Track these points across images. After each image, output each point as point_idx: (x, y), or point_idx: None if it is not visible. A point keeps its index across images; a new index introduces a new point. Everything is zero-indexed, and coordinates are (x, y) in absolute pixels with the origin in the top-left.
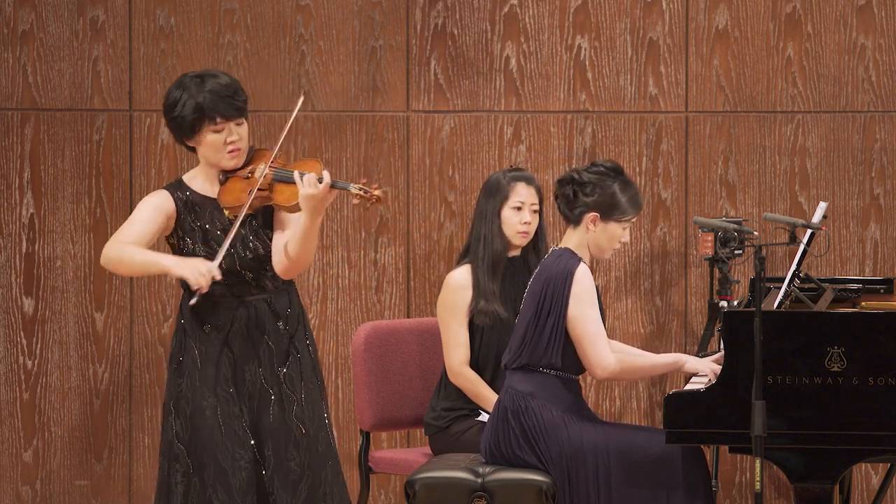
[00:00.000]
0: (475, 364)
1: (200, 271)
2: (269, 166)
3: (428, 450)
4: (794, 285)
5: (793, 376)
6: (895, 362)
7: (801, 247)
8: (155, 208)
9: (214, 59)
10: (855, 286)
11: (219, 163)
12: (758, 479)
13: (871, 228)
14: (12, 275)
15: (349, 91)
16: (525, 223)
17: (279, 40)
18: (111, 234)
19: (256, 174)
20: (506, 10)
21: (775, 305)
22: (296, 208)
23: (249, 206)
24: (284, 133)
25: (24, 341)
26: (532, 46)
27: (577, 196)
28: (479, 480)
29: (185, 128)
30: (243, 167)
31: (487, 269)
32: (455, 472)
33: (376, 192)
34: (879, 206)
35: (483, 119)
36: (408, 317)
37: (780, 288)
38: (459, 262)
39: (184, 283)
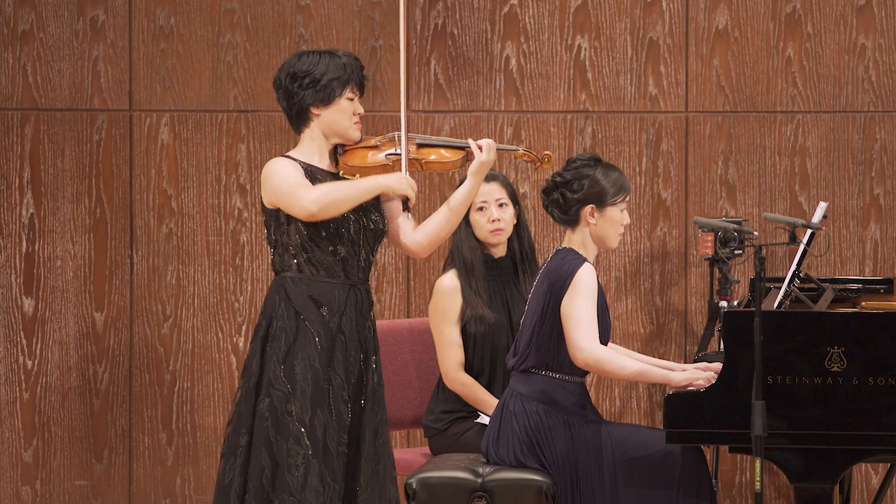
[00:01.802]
0: (471, 368)
1: (411, 185)
2: (408, 134)
3: (428, 450)
4: (794, 285)
5: (793, 376)
6: (895, 362)
7: (801, 247)
8: (296, 170)
9: (214, 59)
10: (855, 286)
11: (346, 131)
12: (758, 479)
13: (871, 228)
14: (12, 275)
15: None
16: (493, 220)
17: (279, 40)
18: (111, 234)
19: (389, 144)
20: (506, 10)
21: (775, 305)
22: (449, 167)
23: (406, 166)
24: (403, 104)
25: (24, 341)
26: (532, 46)
27: (566, 197)
28: (479, 480)
29: (328, 90)
30: (361, 140)
31: (465, 276)
32: (455, 472)
33: (546, 152)
34: (879, 206)
35: (483, 119)
36: (407, 317)
37: (780, 288)
38: (445, 269)
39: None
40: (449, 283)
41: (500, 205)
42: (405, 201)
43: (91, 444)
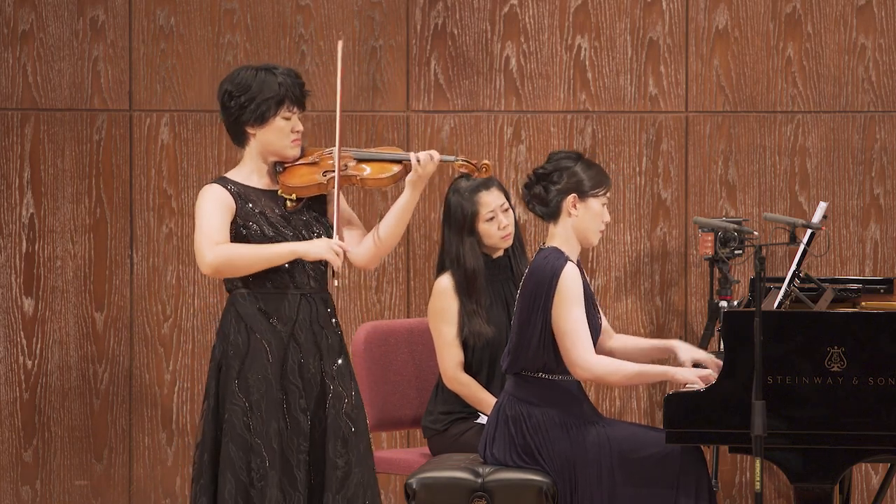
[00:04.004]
0: (469, 367)
1: (336, 250)
2: (343, 149)
3: (427, 450)
4: (794, 285)
5: (793, 376)
6: (895, 362)
7: (801, 247)
8: (221, 205)
9: (214, 59)
10: (855, 286)
11: (282, 151)
12: (758, 479)
13: (871, 228)
14: (12, 275)
15: (349, 91)
16: (503, 227)
17: (279, 40)
18: (111, 234)
19: (328, 159)
20: (506, 10)
21: (775, 305)
22: (386, 182)
23: (339, 183)
24: (338, 116)
25: (24, 341)
26: (532, 46)
27: (547, 189)
28: (479, 480)
29: (261, 110)
30: (301, 157)
31: (464, 290)
32: (455, 472)
33: (485, 161)
34: (879, 206)
35: (483, 119)
36: (408, 317)
37: (780, 288)
38: (439, 272)
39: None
40: (447, 283)
41: (505, 210)
42: (331, 267)
43: (91, 444)
